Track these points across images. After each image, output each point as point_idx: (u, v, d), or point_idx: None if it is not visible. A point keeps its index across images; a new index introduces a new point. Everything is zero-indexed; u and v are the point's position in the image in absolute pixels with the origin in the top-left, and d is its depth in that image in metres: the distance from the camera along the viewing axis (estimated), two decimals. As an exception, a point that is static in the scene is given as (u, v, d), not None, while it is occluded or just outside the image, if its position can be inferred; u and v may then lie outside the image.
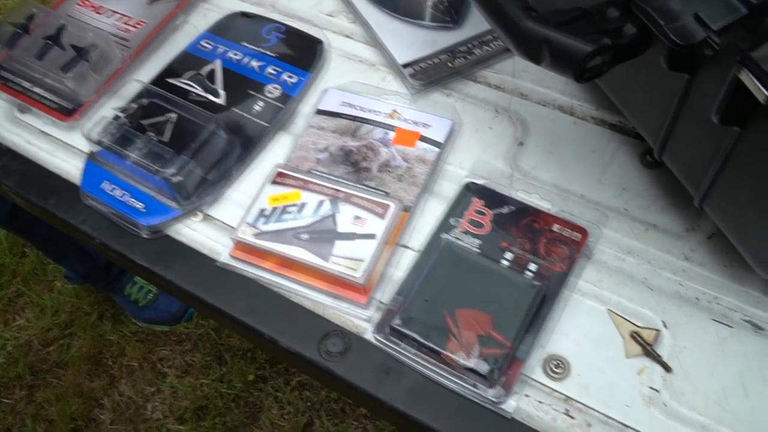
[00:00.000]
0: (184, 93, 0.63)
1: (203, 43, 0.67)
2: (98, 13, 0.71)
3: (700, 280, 0.49)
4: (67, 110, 0.64)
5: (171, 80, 0.64)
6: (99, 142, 0.58)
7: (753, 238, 0.42)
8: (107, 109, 0.62)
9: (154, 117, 0.58)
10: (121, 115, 0.58)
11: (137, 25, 0.69)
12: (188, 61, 0.66)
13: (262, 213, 0.53)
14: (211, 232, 0.56)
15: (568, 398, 0.46)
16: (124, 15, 0.70)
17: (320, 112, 0.60)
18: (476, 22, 0.64)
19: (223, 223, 0.56)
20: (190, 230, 0.56)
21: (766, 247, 0.41)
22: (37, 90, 0.65)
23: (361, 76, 0.64)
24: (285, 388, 1.38)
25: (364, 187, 0.55)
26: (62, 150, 0.63)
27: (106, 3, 0.72)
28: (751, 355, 0.46)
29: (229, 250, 0.53)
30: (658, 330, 0.47)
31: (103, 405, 1.49)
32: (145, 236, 0.55)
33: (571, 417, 0.45)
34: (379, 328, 0.49)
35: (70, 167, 0.61)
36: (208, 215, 0.57)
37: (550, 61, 0.36)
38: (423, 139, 0.57)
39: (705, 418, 0.44)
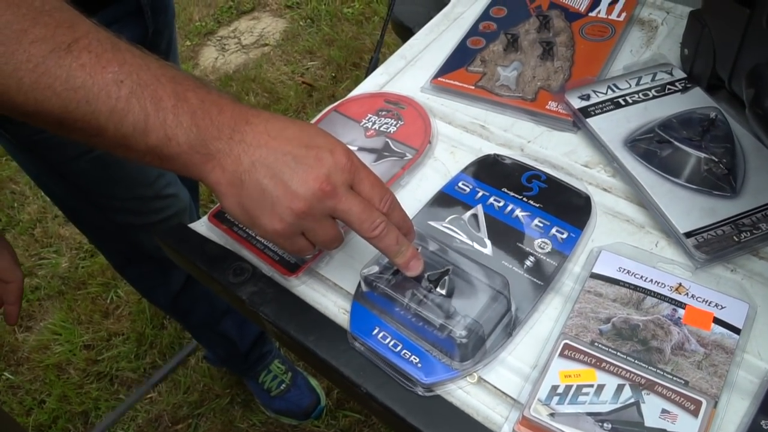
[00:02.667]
0: (447, 239, 0.62)
1: (461, 184, 0.67)
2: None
3: None
4: (290, 265, 0.63)
5: (433, 223, 0.63)
6: (375, 287, 0.57)
7: None
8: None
9: (430, 266, 0.57)
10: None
11: None
12: (447, 203, 0.65)
13: (554, 390, 0.50)
14: (484, 397, 0.53)
15: None
16: None
17: (595, 275, 0.58)
18: (756, 192, 0.61)
19: (496, 388, 0.54)
20: (462, 392, 0.54)
21: None
22: (260, 238, 0.65)
23: (629, 238, 0.61)
24: None
25: (659, 371, 0.51)
26: (319, 283, 0.63)
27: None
28: None
29: (511, 423, 0.50)
30: None
31: (226, 495, 1.46)
32: (419, 393, 0.53)
33: None
34: None
35: (328, 302, 0.61)
36: (482, 378, 0.54)
37: None
38: (717, 321, 0.53)
39: None
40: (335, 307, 0.61)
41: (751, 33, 0.61)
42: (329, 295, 0.62)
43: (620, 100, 0.70)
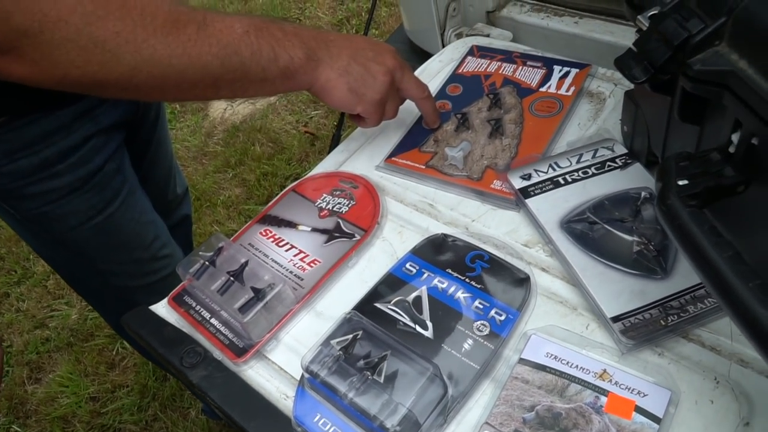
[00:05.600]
0: (392, 321, 0.64)
1: (408, 266, 0.69)
2: (278, 245, 0.75)
3: None
4: (239, 350, 0.66)
5: (379, 305, 0.65)
6: (315, 375, 0.59)
7: None
8: (325, 339, 0.62)
9: (369, 353, 0.59)
10: (336, 347, 0.60)
11: (312, 264, 0.71)
12: (394, 284, 0.67)
13: (471, 483, 0.51)
14: (410, 486, 0.55)
15: None
16: (301, 251, 0.73)
17: (524, 361, 0.59)
18: (686, 273, 0.62)
19: (423, 477, 0.55)
20: (389, 482, 0.55)
21: None
22: (214, 322, 0.69)
23: (562, 320, 0.63)
24: None
25: (577, 462, 0.52)
26: (266, 367, 0.65)
27: (286, 236, 0.75)
28: None
29: None
30: None
31: None
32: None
33: None
34: None
35: (272, 387, 0.63)
36: (409, 467, 0.56)
37: None
38: (638, 409, 0.55)
39: None
40: (278, 392, 0.63)
41: (674, 119, 0.63)
42: (273, 381, 0.64)
43: (560, 179, 0.72)
